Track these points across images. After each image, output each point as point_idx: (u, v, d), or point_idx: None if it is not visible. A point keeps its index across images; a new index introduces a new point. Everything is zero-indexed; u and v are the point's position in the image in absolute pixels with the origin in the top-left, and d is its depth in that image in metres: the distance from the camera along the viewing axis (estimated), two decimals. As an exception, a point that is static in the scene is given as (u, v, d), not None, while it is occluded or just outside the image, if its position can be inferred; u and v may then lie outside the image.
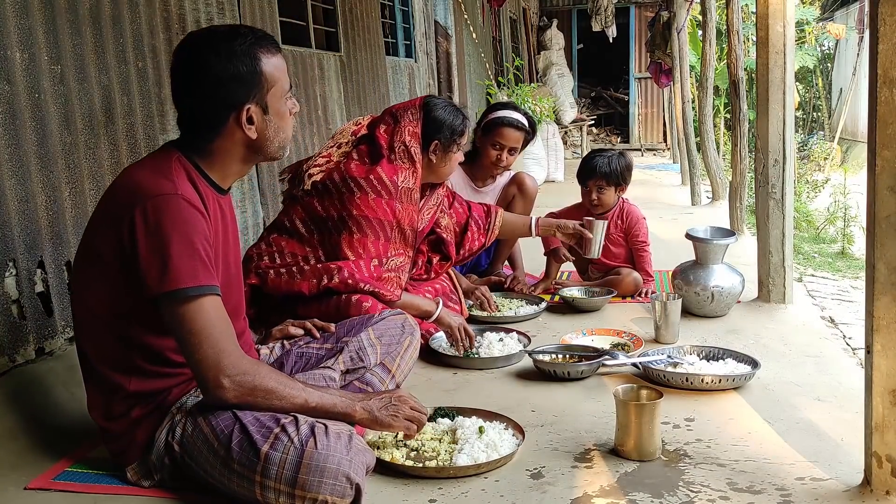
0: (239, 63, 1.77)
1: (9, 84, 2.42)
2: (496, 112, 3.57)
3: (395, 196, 2.74)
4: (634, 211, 3.64)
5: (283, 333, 2.28)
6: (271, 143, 1.86)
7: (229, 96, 1.78)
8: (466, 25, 9.47)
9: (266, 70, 1.80)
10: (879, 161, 1.67)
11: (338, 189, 2.72)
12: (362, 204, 2.69)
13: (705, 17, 6.44)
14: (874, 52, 1.66)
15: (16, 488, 1.90)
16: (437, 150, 2.88)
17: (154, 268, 1.67)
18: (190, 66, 1.79)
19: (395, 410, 1.88)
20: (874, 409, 1.73)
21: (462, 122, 2.93)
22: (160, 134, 3.20)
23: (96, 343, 1.83)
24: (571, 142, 12.66)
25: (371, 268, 2.68)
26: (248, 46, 1.79)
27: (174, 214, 1.69)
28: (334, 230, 2.71)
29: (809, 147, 12.86)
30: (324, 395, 1.81)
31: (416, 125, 2.83)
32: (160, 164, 1.79)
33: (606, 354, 2.65)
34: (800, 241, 6.63)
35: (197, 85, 1.79)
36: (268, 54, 1.82)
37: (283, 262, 2.71)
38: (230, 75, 1.76)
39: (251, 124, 1.81)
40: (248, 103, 1.79)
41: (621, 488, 1.85)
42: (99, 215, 1.82)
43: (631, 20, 14.71)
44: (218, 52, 1.76)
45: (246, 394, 1.71)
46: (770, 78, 3.30)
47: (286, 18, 4.60)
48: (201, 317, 1.68)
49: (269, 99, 1.82)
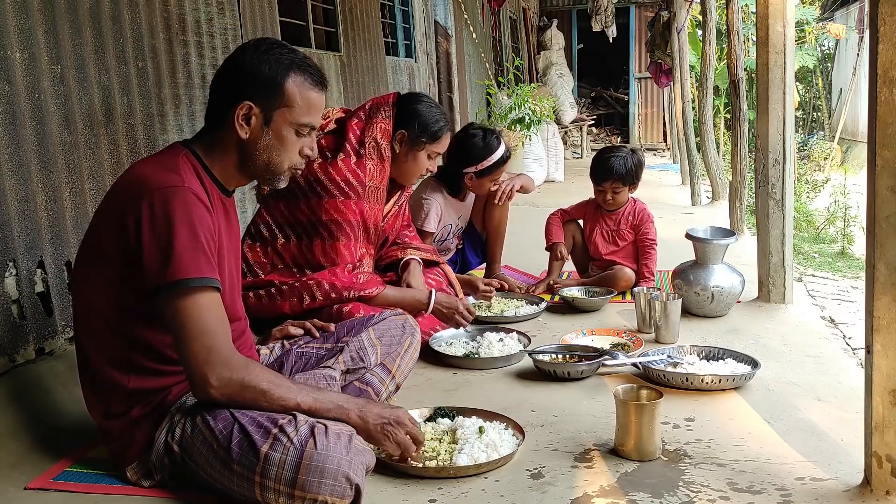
0: (266, 65, 1.81)
1: (9, 84, 2.42)
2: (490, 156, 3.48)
3: (363, 196, 2.68)
4: (646, 210, 3.67)
5: (283, 333, 2.28)
6: (259, 155, 1.84)
7: (240, 89, 1.81)
8: (466, 25, 9.47)
9: (288, 87, 1.82)
10: (879, 161, 1.67)
11: (304, 192, 2.64)
12: (331, 208, 2.62)
13: (705, 16, 6.44)
14: (874, 52, 1.66)
15: (16, 488, 1.90)
16: (403, 140, 2.82)
17: (158, 258, 1.68)
18: (230, 56, 1.87)
19: (391, 431, 1.82)
20: (874, 409, 1.73)
21: (438, 128, 2.87)
22: (160, 134, 3.20)
23: (96, 340, 1.83)
24: (571, 142, 12.66)
25: (346, 272, 2.62)
26: (288, 61, 1.83)
27: (180, 206, 1.70)
28: (304, 236, 2.64)
29: (809, 147, 12.87)
30: (319, 398, 1.76)
31: (388, 122, 2.79)
32: (167, 160, 1.82)
33: (606, 354, 2.64)
34: (800, 241, 6.63)
35: (223, 72, 1.86)
36: (302, 78, 1.83)
37: (252, 277, 2.63)
38: (250, 71, 1.81)
39: (247, 124, 1.82)
40: (251, 102, 1.80)
41: (621, 488, 1.85)
42: (104, 210, 1.83)
43: (631, 20, 14.72)
44: (257, 50, 1.83)
45: (234, 393, 1.70)
46: (770, 78, 3.30)
47: (286, 18, 4.60)
48: (197, 311, 1.68)
49: (276, 114, 1.82)
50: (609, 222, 3.68)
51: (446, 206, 3.61)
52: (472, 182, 3.55)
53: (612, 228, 3.67)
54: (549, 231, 3.74)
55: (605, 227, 3.69)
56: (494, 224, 3.75)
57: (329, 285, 2.56)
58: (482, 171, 3.51)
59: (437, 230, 3.59)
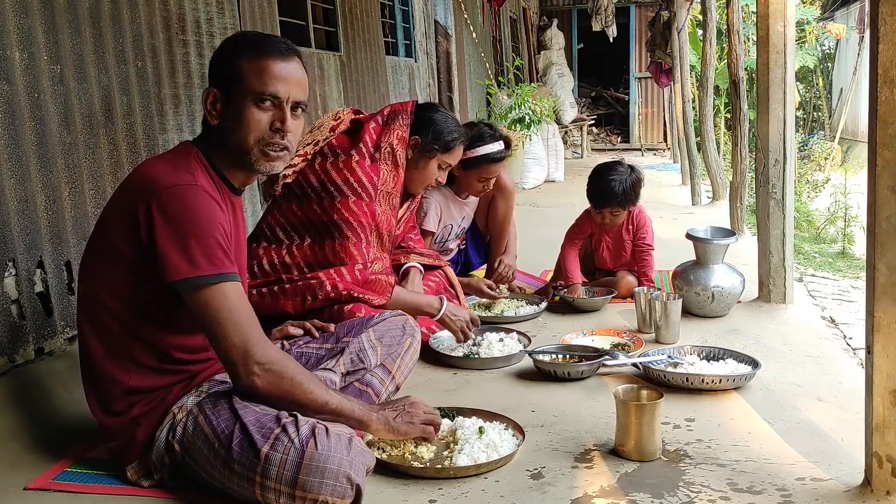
0: (223, 52, 1.88)
1: (8, 84, 2.42)
2: (479, 148, 3.39)
3: (374, 199, 2.68)
4: (643, 213, 3.63)
5: (283, 333, 2.28)
6: (229, 137, 1.85)
7: (210, 79, 1.89)
8: (466, 25, 9.47)
9: (240, 63, 1.83)
10: (880, 161, 1.67)
11: (317, 193, 2.65)
12: (343, 207, 2.62)
13: (705, 16, 6.44)
14: (874, 52, 1.66)
15: (15, 488, 1.90)
16: (416, 146, 2.83)
17: (174, 256, 1.68)
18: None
19: (409, 417, 1.92)
20: (874, 409, 1.73)
21: (452, 139, 2.87)
22: (160, 134, 3.20)
23: (102, 337, 1.83)
24: (571, 142, 12.67)
25: (356, 272, 2.60)
26: (244, 41, 1.89)
27: (193, 203, 1.71)
28: (317, 235, 2.64)
29: (810, 147, 12.87)
30: (343, 399, 1.83)
31: (405, 130, 2.79)
32: (178, 158, 1.83)
33: (606, 354, 2.64)
34: (800, 241, 6.63)
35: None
36: (255, 53, 1.83)
37: (264, 278, 2.63)
38: (213, 60, 1.89)
39: (214, 110, 1.85)
40: (214, 88, 1.85)
41: (621, 488, 1.85)
42: (113, 207, 1.83)
43: (631, 20, 14.72)
44: (227, 41, 1.91)
45: (276, 382, 1.72)
46: (770, 77, 3.30)
47: (286, 18, 4.60)
48: (227, 304, 1.70)
49: (234, 92, 1.83)
50: (609, 236, 3.65)
51: (446, 204, 3.59)
52: (459, 173, 3.44)
53: (613, 241, 3.65)
54: (567, 267, 3.58)
55: (608, 241, 3.67)
56: (497, 222, 3.74)
57: (331, 286, 2.56)
58: (468, 161, 3.36)
59: (438, 230, 3.57)
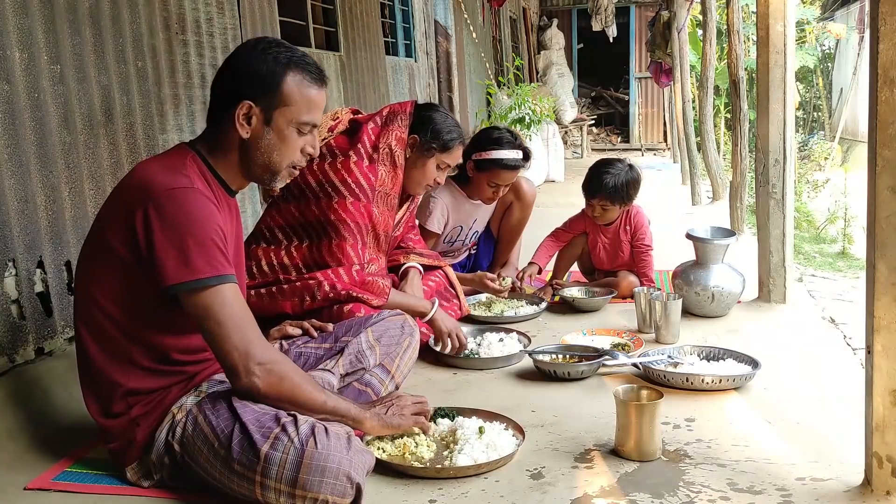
0: (264, 64, 1.81)
1: (8, 84, 2.42)
2: (494, 150, 3.37)
3: (371, 200, 2.67)
4: (640, 214, 3.62)
5: (281, 333, 2.28)
6: (261, 155, 1.85)
7: (240, 88, 1.81)
8: (466, 25, 9.47)
9: (286, 85, 1.82)
10: (880, 161, 1.67)
11: (314, 194, 2.65)
12: (339, 208, 2.61)
13: (705, 16, 6.44)
14: (874, 52, 1.66)
15: (15, 488, 1.90)
16: (413, 145, 2.82)
17: (171, 259, 1.68)
18: (229, 56, 1.88)
19: (399, 410, 1.95)
20: (874, 409, 1.73)
21: (450, 138, 2.86)
22: (160, 134, 3.20)
23: (100, 339, 1.82)
24: (571, 142, 12.67)
25: (353, 273, 2.59)
26: (286, 59, 1.83)
27: (190, 206, 1.71)
28: (315, 236, 2.64)
29: (810, 147, 12.88)
30: (339, 399, 1.85)
31: (404, 131, 2.79)
32: (174, 161, 1.82)
33: (606, 354, 2.64)
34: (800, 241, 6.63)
35: (223, 72, 1.86)
36: (301, 76, 1.84)
37: (262, 279, 2.63)
38: (249, 70, 1.82)
39: (248, 123, 1.82)
40: (251, 101, 1.80)
41: (621, 489, 1.85)
42: (110, 209, 1.82)
43: (631, 20, 14.73)
44: (255, 49, 1.84)
45: (276, 383, 1.72)
46: (770, 77, 3.30)
47: (286, 18, 4.60)
48: (225, 307, 1.70)
49: (276, 113, 1.82)
50: (606, 236, 3.64)
51: (456, 206, 3.55)
52: (473, 173, 3.45)
53: (610, 241, 3.64)
54: (537, 251, 3.69)
55: (604, 241, 3.65)
56: (509, 229, 3.73)
57: (329, 286, 2.55)
58: (481, 162, 3.39)
59: (443, 231, 3.54)
